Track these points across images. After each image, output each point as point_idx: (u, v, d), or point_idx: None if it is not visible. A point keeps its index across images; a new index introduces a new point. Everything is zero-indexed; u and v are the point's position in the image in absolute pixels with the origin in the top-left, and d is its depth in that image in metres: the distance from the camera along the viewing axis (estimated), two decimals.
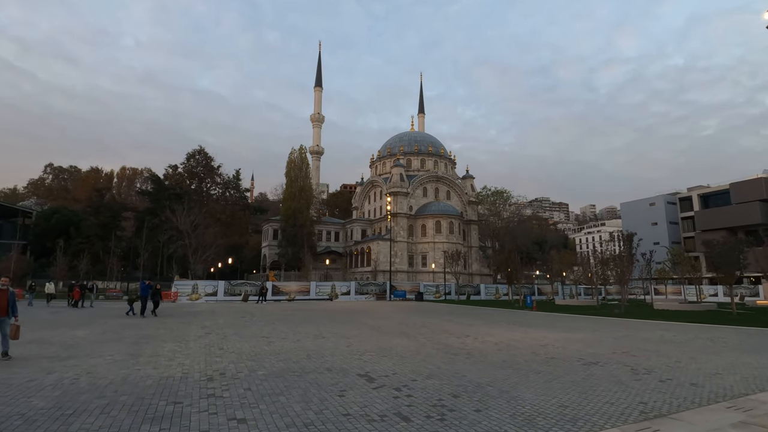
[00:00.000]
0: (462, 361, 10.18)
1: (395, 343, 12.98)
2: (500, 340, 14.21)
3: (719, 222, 74.92)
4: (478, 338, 14.58)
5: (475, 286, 58.23)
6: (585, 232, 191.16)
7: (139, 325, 18.00)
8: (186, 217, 54.65)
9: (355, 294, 48.74)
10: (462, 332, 16.42)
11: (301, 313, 26.10)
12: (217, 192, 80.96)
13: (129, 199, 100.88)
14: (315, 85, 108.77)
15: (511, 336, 15.35)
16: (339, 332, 15.83)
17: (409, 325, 19.19)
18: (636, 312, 30.18)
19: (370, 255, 73.24)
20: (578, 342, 13.91)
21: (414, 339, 14.15)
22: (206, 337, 14.02)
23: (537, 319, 23.88)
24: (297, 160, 76.37)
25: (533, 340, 14.36)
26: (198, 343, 12.77)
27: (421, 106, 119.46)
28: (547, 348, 12.46)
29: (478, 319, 23.19)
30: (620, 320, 23.88)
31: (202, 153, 77.45)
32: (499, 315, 27.23)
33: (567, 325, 20.30)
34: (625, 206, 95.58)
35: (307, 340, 13.43)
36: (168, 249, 60.32)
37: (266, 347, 11.90)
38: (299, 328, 17.05)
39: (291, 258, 70.45)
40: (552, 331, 16.97)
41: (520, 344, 13.21)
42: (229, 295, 43.09)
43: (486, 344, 13.12)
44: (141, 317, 21.52)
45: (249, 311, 27.58)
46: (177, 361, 9.76)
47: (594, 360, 10.50)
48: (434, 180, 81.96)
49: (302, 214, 72.17)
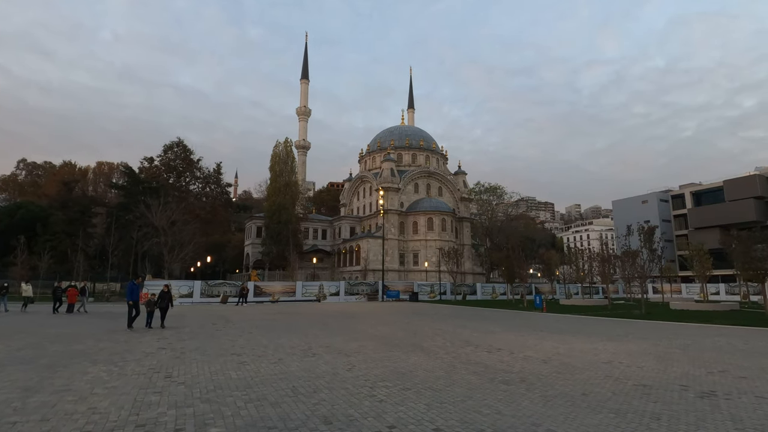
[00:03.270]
0: (524, 395, 6.86)
1: (413, 364, 9.60)
2: (544, 354, 10.96)
3: (712, 219, 73.56)
4: (514, 352, 11.30)
5: (470, 286, 55.20)
6: (573, 231, 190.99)
7: (79, 336, 14.26)
8: (162, 212, 50.56)
9: (344, 295, 45.22)
10: (487, 342, 13.13)
11: (285, 318, 22.53)
12: (197, 187, 76.51)
13: (106, 195, 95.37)
14: (301, 77, 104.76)
15: (552, 348, 12.11)
16: (334, 345, 12.39)
17: (417, 333, 15.81)
18: (657, 313, 27.38)
19: (359, 253, 69.71)
20: (644, 356, 10.73)
21: (435, 355, 10.79)
22: (156, 355, 10.44)
23: (557, 323, 20.79)
24: (282, 153, 72.34)
25: (584, 353, 11.16)
26: (140, 366, 9.19)
27: (410, 102, 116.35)
28: (618, 367, 9.24)
29: (494, 324, 19.96)
30: (650, 323, 20.93)
31: (181, 145, 72.85)
32: (512, 318, 24.07)
33: (598, 330, 17.18)
34: (617, 204, 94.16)
35: (293, 360, 9.96)
36: (142, 247, 55.96)
37: (234, 374, 8.40)
38: (282, 339, 13.55)
39: (275, 257, 66.49)
40: (593, 340, 13.78)
41: (576, 361, 9.97)
42: (206, 296, 39.18)
43: (531, 362, 9.84)
44: (146, 329, 15.94)
45: (225, 315, 23.89)
46: (87, 404, 6.21)
47: (705, 388, 7.31)
48: (426, 175, 78.82)
49: (287, 210, 68.26)
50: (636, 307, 34.11)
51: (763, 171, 79.56)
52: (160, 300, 17.05)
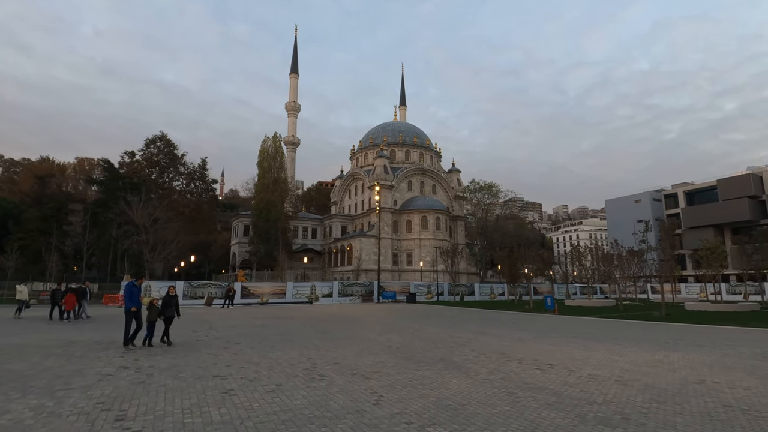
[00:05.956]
0: None
1: (456, 390, 7.25)
2: (609, 371, 8.70)
3: (706, 219, 72.97)
4: (572, 369, 9.03)
5: (468, 286, 53.09)
6: (562, 231, 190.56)
7: (25, 349, 11.60)
8: (143, 209, 47.48)
9: (338, 296, 42.71)
10: (527, 355, 10.85)
11: (277, 323, 20.01)
12: (180, 183, 73.10)
13: (86, 192, 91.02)
14: (291, 72, 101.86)
15: (610, 361, 9.87)
16: (343, 361, 9.97)
17: (437, 342, 13.47)
18: (677, 315, 25.52)
19: (351, 253, 67.21)
20: (729, 371, 8.55)
21: (476, 375, 8.45)
22: (113, 379, 7.92)
23: (581, 327, 18.68)
24: (271, 149, 69.40)
25: (654, 368, 8.95)
26: (85, 398, 6.68)
27: (402, 99, 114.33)
28: (720, 389, 7.03)
29: (514, 329, 17.72)
30: (681, 326, 18.92)
31: (164, 140, 69.34)
32: (529, 321, 21.89)
33: (634, 335, 15.02)
34: (610, 203, 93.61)
35: (295, 386, 7.53)
36: (122, 245, 52.71)
37: (216, 411, 5.95)
38: (277, 353, 11.09)
39: (264, 256, 63.60)
40: (645, 349, 11.56)
41: (658, 381, 7.75)
42: (189, 298, 36.33)
43: (605, 384, 7.58)
44: (143, 347, 11.77)
45: (209, 320, 21.28)
46: None
47: None
48: (420, 173, 76.71)
49: (276, 207, 65.40)
50: (643, 308, 32.39)
51: (755, 170, 79.30)
52: (166, 308, 12.74)
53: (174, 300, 13.02)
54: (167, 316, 12.71)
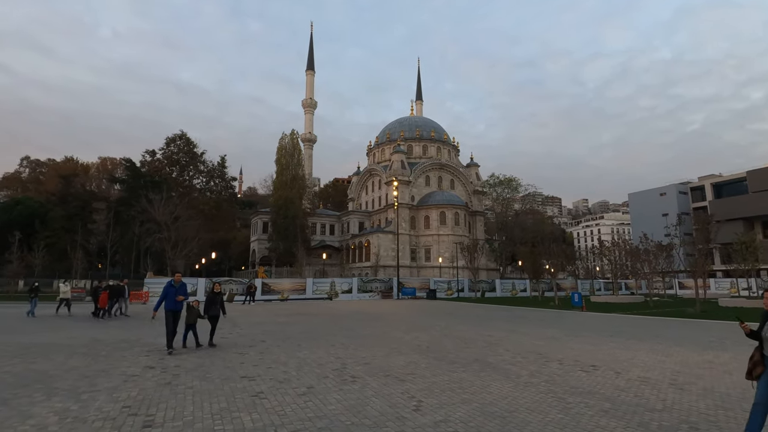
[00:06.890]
0: None
1: (499, 395, 6.77)
2: (660, 373, 8.09)
3: (735, 212, 70.29)
4: (619, 371, 8.43)
5: (489, 282, 52.30)
6: (583, 225, 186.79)
7: (51, 348, 11.55)
8: (165, 207, 48.03)
9: (357, 292, 42.49)
10: (566, 355, 10.27)
11: (300, 320, 19.78)
12: (200, 181, 73.72)
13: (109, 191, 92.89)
14: (307, 68, 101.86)
15: (656, 362, 9.24)
16: (373, 361, 9.58)
17: (468, 341, 12.97)
18: (712, 311, 24.43)
19: (369, 249, 66.91)
20: None
21: (516, 378, 7.95)
22: (139, 380, 7.69)
23: (613, 325, 17.94)
24: (288, 146, 69.51)
25: (707, 369, 8.30)
26: (111, 400, 6.42)
27: (419, 93, 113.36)
28: None
29: (544, 327, 17.08)
30: (720, 324, 18.03)
31: (184, 138, 69.99)
32: (558, 319, 21.19)
33: (672, 333, 14.26)
34: (634, 197, 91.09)
35: (328, 388, 7.16)
36: (144, 243, 53.48)
37: (248, 417, 5.60)
38: (304, 352, 10.76)
39: (282, 253, 63.82)
40: (689, 348, 10.86)
41: (718, 385, 7.13)
42: None
43: (661, 389, 6.98)
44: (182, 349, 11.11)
45: (231, 317, 21.17)
46: None
47: None
48: (437, 168, 75.78)
49: (294, 204, 65.54)
50: (674, 304, 31.28)
51: None
52: (210, 306, 11.78)
53: (219, 297, 11.95)
54: (212, 315, 11.69)
